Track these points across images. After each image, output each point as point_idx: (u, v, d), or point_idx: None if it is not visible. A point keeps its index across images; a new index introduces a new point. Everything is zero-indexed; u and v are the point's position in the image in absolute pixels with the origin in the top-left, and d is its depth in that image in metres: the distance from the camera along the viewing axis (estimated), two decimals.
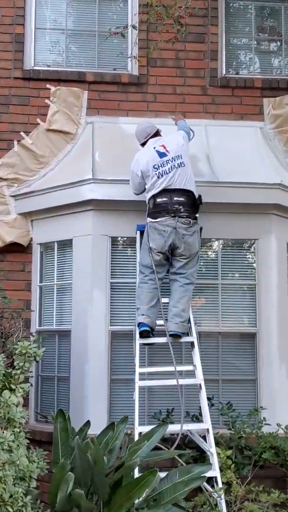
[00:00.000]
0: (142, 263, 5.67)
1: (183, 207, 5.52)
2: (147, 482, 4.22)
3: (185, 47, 6.88)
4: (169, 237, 5.48)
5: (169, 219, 5.49)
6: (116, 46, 6.97)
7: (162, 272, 5.64)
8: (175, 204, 5.52)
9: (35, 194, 6.49)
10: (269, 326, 6.12)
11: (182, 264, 5.57)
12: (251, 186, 6.10)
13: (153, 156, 5.65)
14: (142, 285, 5.61)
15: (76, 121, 6.73)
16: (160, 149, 5.67)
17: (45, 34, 7.06)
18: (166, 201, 5.53)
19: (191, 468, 4.63)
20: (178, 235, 5.48)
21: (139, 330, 5.48)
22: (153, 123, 6.00)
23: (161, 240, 5.50)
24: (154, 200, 5.59)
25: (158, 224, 5.52)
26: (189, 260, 5.58)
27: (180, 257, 5.56)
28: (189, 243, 5.52)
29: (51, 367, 6.39)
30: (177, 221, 5.48)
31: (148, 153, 5.70)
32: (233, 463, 5.35)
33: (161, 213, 5.53)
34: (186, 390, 5.93)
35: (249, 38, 7.23)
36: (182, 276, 5.57)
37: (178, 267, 5.58)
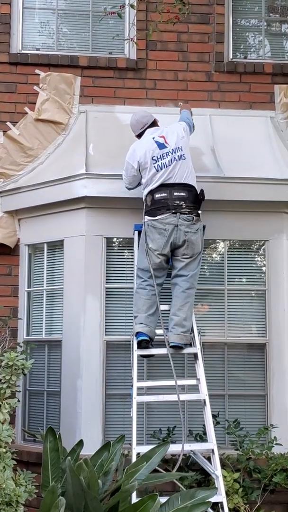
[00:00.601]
0: (139, 267, 5.66)
1: (184, 203, 5.52)
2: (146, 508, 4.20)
3: (188, 29, 6.90)
4: (170, 236, 5.48)
5: (169, 216, 5.49)
6: (112, 27, 6.99)
7: (161, 276, 5.64)
8: (176, 200, 5.52)
9: (22, 191, 6.50)
10: (280, 336, 6.14)
11: (184, 265, 5.56)
12: (261, 182, 6.12)
13: (152, 147, 5.65)
14: (140, 291, 5.61)
15: (68, 110, 6.74)
16: (159, 140, 5.68)
17: (34, 14, 7.08)
18: (166, 197, 5.53)
19: (195, 492, 4.60)
20: (180, 233, 5.48)
21: (137, 340, 5.48)
22: (150, 112, 6.00)
23: (161, 239, 5.50)
24: (152, 196, 5.59)
25: (158, 223, 5.52)
26: (192, 260, 5.57)
27: (182, 257, 5.55)
28: (192, 241, 5.51)
29: (40, 380, 6.40)
30: (179, 218, 5.48)
31: (147, 143, 5.69)
32: (241, 487, 5.37)
33: (160, 210, 5.52)
34: (189, 406, 5.95)
35: (259, 19, 7.25)
36: (183, 279, 5.57)
37: (180, 268, 5.58)
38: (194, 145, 6.06)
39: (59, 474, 4.69)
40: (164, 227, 5.49)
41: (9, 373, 4.50)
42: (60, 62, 6.79)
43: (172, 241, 5.48)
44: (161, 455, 4.72)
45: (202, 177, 6.01)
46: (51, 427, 4.88)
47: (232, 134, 6.63)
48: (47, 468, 4.72)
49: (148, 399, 5.59)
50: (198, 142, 6.30)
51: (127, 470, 4.60)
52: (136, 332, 5.50)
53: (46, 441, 4.80)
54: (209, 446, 5.15)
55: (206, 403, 5.28)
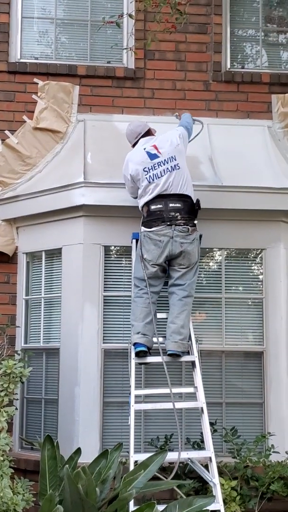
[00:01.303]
0: (136, 276, 5.68)
1: (180, 214, 5.51)
2: None
3: (186, 38, 6.93)
4: (165, 248, 5.48)
5: (165, 228, 5.50)
6: (110, 37, 7.01)
7: (158, 285, 5.65)
8: (171, 211, 5.51)
9: (21, 199, 6.50)
10: (277, 344, 6.14)
11: (180, 275, 5.57)
12: (258, 191, 6.13)
13: (142, 158, 5.63)
14: (137, 299, 5.62)
15: (66, 118, 6.76)
16: (151, 150, 5.65)
17: (33, 24, 7.10)
18: (161, 208, 5.53)
19: (192, 500, 4.59)
20: (176, 244, 5.48)
21: (135, 351, 5.48)
22: (144, 122, 6.00)
23: (156, 251, 5.51)
24: (148, 208, 5.60)
25: (153, 234, 5.52)
26: (188, 270, 5.58)
27: (179, 267, 5.56)
28: (188, 252, 5.51)
29: (38, 388, 6.39)
30: (174, 229, 5.48)
31: (138, 154, 5.69)
32: (239, 495, 5.35)
33: (156, 222, 5.53)
34: (187, 414, 5.95)
35: (256, 29, 7.28)
36: (180, 288, 5.58)
37: (176, 277, 5.59)
38: (192, 154, 6.08)
39: (56, 482, 4.67)
40: (159, 239, 5.49)
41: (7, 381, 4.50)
42: (58, 71, 6.81)
43: (168, 253, 5.49)
44: (159, 463, 4.70)
45: (200, 185, 6.03)
46: (49, 435, 4.86)
47: (229, 143, 6.65)
48: (44, 476, 4.70)
49: (145, 407, 5.57)
50: (195, 151, 6.32)
51: (125, 478, 4.58)
52: (134, 342, 5.50)
53: (44, 449, 4.78)
54: (206, 454, 5.15)
55: (203, 411, 5.28)
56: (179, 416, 5.98)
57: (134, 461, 5.00)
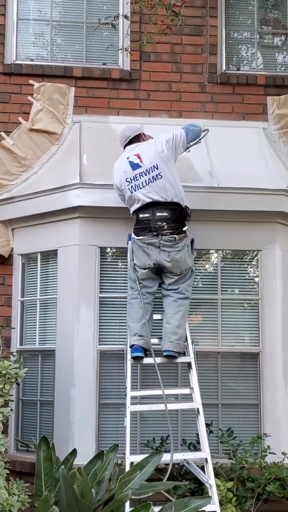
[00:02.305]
0: (129, 278, 5.69)
1: (166, 224, 5.48)
2: None
3: (182, 40, 6.93)
4: (152, 256, 5.48)
5: (152, 238, 5.48)
6: (105, 39, 7.01)
7: (153, 286, 5.65)
8: (158, 221, 5.48)
9: (16, 200, 6.50)
10: (273, 346, 6.14)
11: (173, 281, 5.58)
12: (254, 192, 6.14)
13: (125, 168, 5.59)
14: (132, 301, 5.62)
15: (62, 120, 6.75)
16: (133, 159, 5.58)
17: (28, 26, 7.10)
18: (149, 217, 5.51)
19: (188, 501, 4.57)
20: (164, 254, 5.46)
21: (132, 355, 5.47)
22: (137, 126, 5.96)
23: (145, 258, 5.51)
24: (137, 216, 5.59)
25: (141, 242, 5.52)
26: (181, 276, 5.58)
27: (170, 274, 5.56)
28: (177, 260, 5.49)
29: (33, 390, 6.37)
30: (161, 239, 5.46)
31: (122, 164, 5.65)
32: (234, 496, 5.34)
33: (143, 231, 5.53)
34: (183, 415, 5.94)
35: (251, 31, 7.28)
36: (174, 291, 5.59)
37: (169, 283, 5.60)
38: (187, 156, 6.06)
39: (52, 483, 4.65)
40: (147, 247, 5.49)
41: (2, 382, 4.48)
42: (54, 73, 6.80)
43: (156, 261, 5.48)
44: (154, 464, 4.70)
45: (195, 187, 6.04)
46: (45, 436, 4.85)
47: (225, 144, 6.64)
48: (40, 477, 4.68)
49: (141, 408, 5.56)
50: (191, 153, 6.27)
51: (120, 479, 4.57)
52: (131, 344, 5.49)
53: (39, 450, 4.77)
54: (202, 455, 5.14)
55: (199, 412, 5.27)
56: (175, 417, 5.98)
57: (130, 462, 4.98)
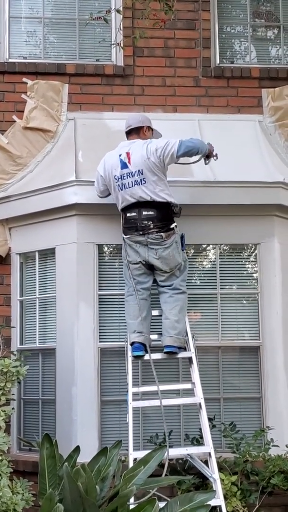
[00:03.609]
0: (124, 276, 5.71)
1: (152, 223, 5.46)
2: None
3: (175, 35, 6.93)
4: (141, 253, 5.50)
5: (138, 236, 5.49)
6: (98, 35, 7.00)
7: (147, 281, 5.64)
8: (144, 220, 5.47)
9: (12, 199, 6.48)
10: (273, 339, 6.14)
11: (164, 278, 5.59)
12: (251, 186, 6.13)
13: (115, 165, 5.56)
14: (129, 298, 5.63)
15: (56, 117, 6.74)
16: (124, 157, 5.54)
17: (20, 24, 7.08)
18: (135, 217, 5.51)
19: (193, 496, 4.56)
20: (151, 251, 5.47)
21: (132, 354, 5.47)
22: (143, 118, 5.83)
23: (135, 255, 5.53)
24: (125, 215, 5.59)
25: (129, 241, 5.54)
26: (171, 274, 5.58)
27: (160, 272, 5.57)
28: (164, 257, 5.49)
29: (35, 389, 6.37)
30: (147, 237, 5.46)
31: (113, 159, 5.60)
32: (239, 490, 5.34)
33: (130, 230, 5.53)
34: (185, 410, 5.94)
35: (244, 24, 7.28)
36: (168, 288, 5.61)
37: (161, 280, 5.62)
38: None
39: (56, 481, 4.64)
40: (135, 245, 5.51)
41: (3, 380, 4.48)
42: (47, 70, 6.79)
43: (144, 259, 5.50)
44: (158, 459, 4.68)
45: (192, 181, 6.04)
46: (47, 434, 4.83)
47: (221, 138, 6.60)
48: (44, 476, 4.67)
49: (143, 404, 5.55)
50: None
51: (124, 475, 4.55)
52: (132, 342, 5.49)
53: (42, 448, 4.75)
54: (206, 449, 5.15)
55: (201, 407, 5.28)
56: (178, 413, 5.98)
57: (133, 458, 4.98)
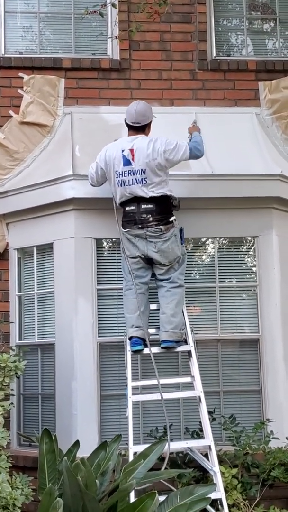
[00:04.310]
0: (123, 270, 5.70)
1: (151, 216, 5.46)
2: (145, 506, 4.14)
3: (171, 28, 6.90)
4: (140, 247, 5.49)
5: (137, 230, 5.48)
6: (94, 29, 6.99)
7: (146, 276, 5.64)
8: (143, 213, 5.46)
9: (9, 194, 6.47)
10: (272, 331, 6.13)
11: (163, 272, 5.59)
12: (249, 178, 6.12)
13: (117, 161, 5.50)
14: (127, 292, 5.63)
15: (53, 112, 6.72)
16: (127, 154, 5.48)
17: (16, 19, 7.06)
18: (134, 210, 5.50)
19: (194, 489, 4.55)
20: (150, 245, 5.47)
21: (131, 349, 5.46)
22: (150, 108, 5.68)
23: (134, 249, 5.53)
24: (123, 209, 5.59)
25: (128, 234, 5.53)
26: (170, 267, 5.58)
27: (159, 265, 5.57)
28: (163, 250, 5.48)
29: (34, 384, 6.36)
30: (146, 231, 5.46)
31: (116, 153, 5.53)
32: (239, 482, 5.33)
33: (129, 223, 5.52)
34: (185, 404, 5.93)
35: (240, 17, 7.25)
36: (166, 281, 5.60)
37: (160, 273, 5.61)
38: None
39: (56, 476, 4.63)
40: (134, 238, 5.50)
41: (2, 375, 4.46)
42: (43, 65, 6.76)
43: (143, 252, 5.49)
44: (158, 453, 4.67)
45: (190, 175, 6.03)
46: (47, 429, 4.81)
47: (218, 131, 6.61)
48: (43, 470, 4.66)
49: (143, 398, 5.55)
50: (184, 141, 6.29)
51: (125, 469, 4.54)
52: (130, 336, 5.48)
53: (41, 443, 4.74)
54: (206, 442, 5.15)
55: (201, 400, 5.27)
56: (177, 406, 5.97)
57: (133, 452, 4.98)
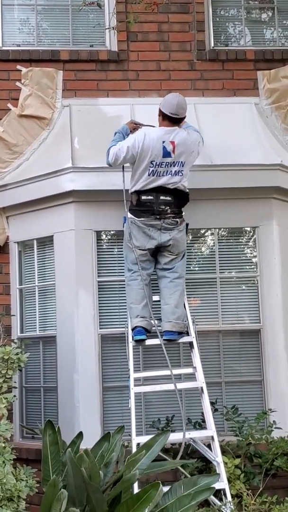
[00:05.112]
0: (127, 260, 5.68)
1: (170, 208, 5.50)
2: (149, 497, 4.15)
3: (168, 19, 6.88)
4: (154, 237, 5.50)
5: (154, 220, 5.48)
6: (92, 21, 6.96)
7: (149, 268, 5.65)
8: (161, 205, 5.48)
9: (9, 188, 6.46)
10: (274, 322, 6.14)
11: (169, 260, 5.60)
12: (249, 168, 6.11)
13: (156, 151, 5.44)
14: (131, 282, 5.61)
15: (51, 104, 6.71)
16: (167, 145, 5.44)
17: (13, 11, 7.04)
18: (152, 200, 5.50)
19: (197, 479, 4.58)
20: (165, 235, 5.49)
21: (135, 338, 5.46)
22: (186, 106, 5.65)
23: (145, 240, 5.52)
24: (138, 197, 5.55)
25: (142, 224, 5.51)
26: (177, 257, 5.62)
27: (168, 253, 5.59)
28: (177, 240, 5.53)
29: (36, 377, 6.37)
30: (163, 222, 5.48)
31: (156, 143, 5.45)
32: (242, 472, 5.35)
33: (145, 213, 5.50)
34: (187, 395, 5.94)
35: (238, 7, 7.22)
36: (169, 271, 5.61)
37: (164, 262, 5.61)
38: None
39: (59, 467, 4.65)
40: (148, 228, 5.50)
41: (5, 368, 4.47)
42: (41, 57, 6.74)
43: (157, 242, 5.51)
44: (162, 444, 4.69)
45: None
46: (50, 421, 4.84)
47: (217, 121, 6.60)
48: (47, 462, 4.68)
49: (145, 389, 5.56)
50: None
51: (128, 460, 4.57)
52: (134, 326, 5.48)
53: (45, 434, 4.76)
54: (208, 433, 5.17)
55: (203, 391, 5.29)
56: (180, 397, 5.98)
57: (136, 443, 5.01)
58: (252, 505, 5.07)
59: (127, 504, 4.21)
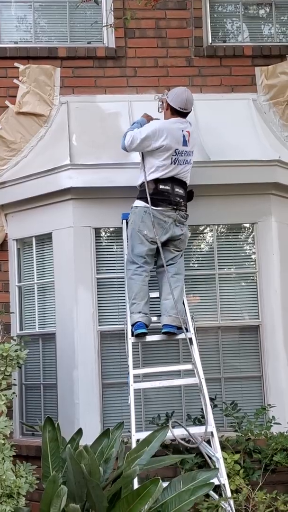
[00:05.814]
0: (133, 252, 5.62)
1: (183, 201, 5.63)
2: (149, 492, 4.17)
3: (166, 15, 6.88)
4: (169, 229, 5.56)
5: (170, 210, 5.56)
6: (89, 18, 6.97)
7: (152, 263, 5.69)
8: (177, 196, 5.59)
9: (7, 185, 6.47)
10: (273, 317, 6.16)
11: (173, 256, 5.66)
12: (247, 164, 6.12)
13: (178, 139, 5.58)
14: (135, 277, 5.59)
15: (49, 101, 6.71)
16: (185, 135, 5.64)
17: (10, 9, 7.04)
18: (168, 190, 5.58)
19: (196, 474, 4.59)
20: (177, 228, 5.59)
21: (136, 332, 5.47)
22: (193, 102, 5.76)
23: (159, 230, 5.54)
24: (156, 186, 5.58)
25: (158, 213, 5.54)
26: (181, 252, 5.71)
27: (174, 248, 5.65)
28: (186, 235, 5.68)
29: (36, 374, 6.39)
30: (178, 214, 5.58)
31: (177, 132, 5.60)
32: (242, 468, 5.36)
33: (163, 202, 5.56)
34: (186, 391, 5.96)
35: (236, 3, 7.22)
36: (172, 266, 5.64)
37: (169, 258, 5.64)
38: None
39: (59, 464, 4.66)
40: (164, 219, 5.55)
41: (4, 364, 4.49)
42: (39, 54, 6.74)
43: (170, 235, 5.57)
44: (161, 439, 4.70)
45: None
46: (49, 417, 4.83)
47: (215, 118, 6.61)
48: (47, 459, 4.69)
49: (144, 385, 5.56)
50: None
51: (128, 456, 4.58)
52: (136, 321, 5.48)
53: (44, 431, 4.77)
54: (208, 429, 5.15)
55: (203, 387, 5.28)
56: (179, 394, 6.01)
57: (136, 439, 5.00)
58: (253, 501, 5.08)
59: (127, 500, 4.21)
